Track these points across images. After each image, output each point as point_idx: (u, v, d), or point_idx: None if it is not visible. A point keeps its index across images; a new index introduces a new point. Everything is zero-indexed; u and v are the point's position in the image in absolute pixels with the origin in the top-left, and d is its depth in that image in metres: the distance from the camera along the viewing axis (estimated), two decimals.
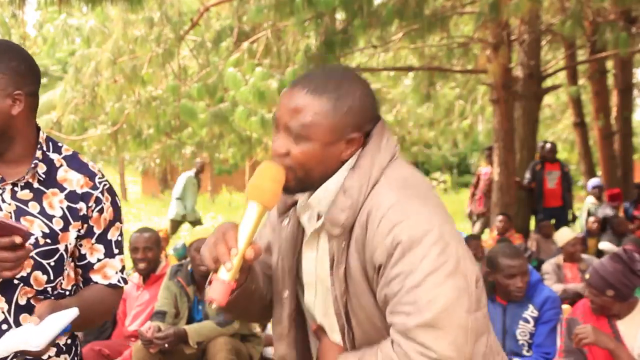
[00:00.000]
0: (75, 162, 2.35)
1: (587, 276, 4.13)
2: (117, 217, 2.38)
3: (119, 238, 2.39)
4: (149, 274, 5.67)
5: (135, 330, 5.56)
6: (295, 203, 2.08)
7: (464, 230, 12.73)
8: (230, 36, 11.91)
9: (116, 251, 2.38)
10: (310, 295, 2.08)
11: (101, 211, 2.33)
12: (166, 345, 4.91)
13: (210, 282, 1.88)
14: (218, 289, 1.85)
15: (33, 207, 2.26)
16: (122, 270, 2.39)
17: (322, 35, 9.51)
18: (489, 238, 10.00)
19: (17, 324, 2.24)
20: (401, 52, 14.02)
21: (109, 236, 2.37)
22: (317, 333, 2.06)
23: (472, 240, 9.38)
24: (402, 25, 10.20)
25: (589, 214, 11.81)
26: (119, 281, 2.38)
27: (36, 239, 2.23)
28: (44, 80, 30.28)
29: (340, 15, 10.05)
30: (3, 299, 2.24)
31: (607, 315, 4.13)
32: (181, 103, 11.40)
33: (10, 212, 2.23)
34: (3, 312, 2.24)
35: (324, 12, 9.16)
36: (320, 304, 2.05)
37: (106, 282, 2.36)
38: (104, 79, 11.69)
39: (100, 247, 2.35)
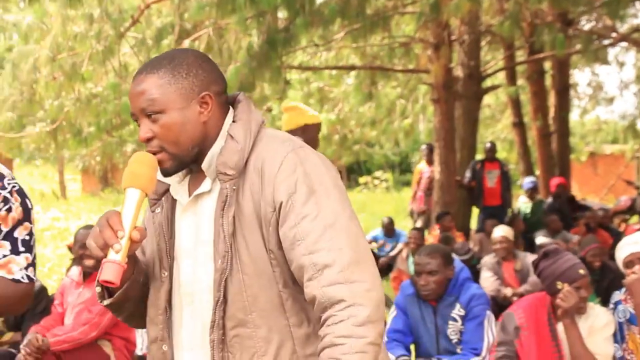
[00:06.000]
0: None
1: (559, 286, 4.04)
2: (26, 217, 2.49)
3: (27, 237, 2.49)
4: (92, 272, 5.48)
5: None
6: (165, 192, 2.18)
7: (405, 228, 12.83)
8: (171, 34, 11.80)
9: (22, 249, 2.47)
10: (186, 265, 2.13)
11: (9, 210, 2.45)
12: None
13: (101, 268, 1.92)
14: (111, 270, 1.90)
15: None
16: (27, 268, 2.48)
17: (264, 33, 9.48)
18: (429, 236, 10.07)
19: None
20: (343, 51, 14.06)
21: (16, 234, 2.47)
22: None
23: (415, 232, 9.46)
24: (344, 24, 10.24)
25: (519, 213, 11.97)
26: (22, 277, 2.47)
27: None
28: None
29: (282, 14, 10.04)
30: None
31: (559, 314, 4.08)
32: (122, 101, 11.27)
33: None
34: None
35: (266, 10, 9.14)
36: (194, 272, 2.11)
37: (10, 277, 2.45)
38: (42, 76, 11.50)
39: (7, 244, 2.46)
